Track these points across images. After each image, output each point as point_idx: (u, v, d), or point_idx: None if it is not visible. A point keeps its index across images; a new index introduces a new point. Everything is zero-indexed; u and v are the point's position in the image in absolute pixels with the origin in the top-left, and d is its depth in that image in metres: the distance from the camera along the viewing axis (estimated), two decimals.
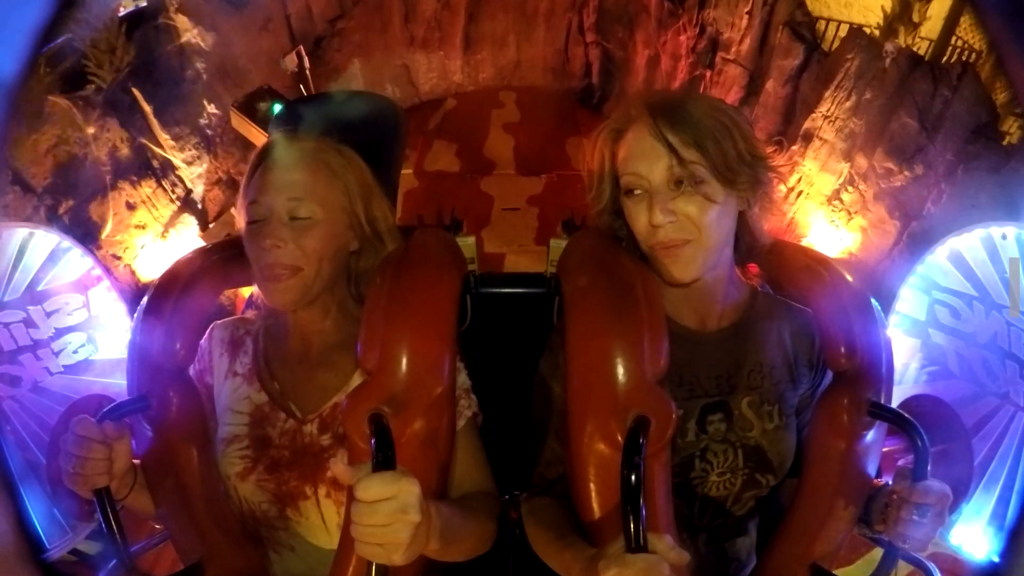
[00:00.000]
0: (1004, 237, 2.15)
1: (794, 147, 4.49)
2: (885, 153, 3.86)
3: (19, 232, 2.21)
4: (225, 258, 1.68)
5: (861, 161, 4.04)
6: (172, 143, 4.06)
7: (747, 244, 1.55)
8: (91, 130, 3.31)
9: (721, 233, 1.43)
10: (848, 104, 4.03)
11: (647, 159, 1.40)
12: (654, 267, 1.47)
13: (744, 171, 1.41)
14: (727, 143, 1.40)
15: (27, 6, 0.85)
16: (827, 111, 4.15)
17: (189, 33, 4.05)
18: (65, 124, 3.17)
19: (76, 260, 2.36)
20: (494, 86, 6.95)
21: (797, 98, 4.56)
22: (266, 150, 1.55)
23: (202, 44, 4.19)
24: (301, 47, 4.66)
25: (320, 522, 1.50)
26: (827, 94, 4.11)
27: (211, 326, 1.67)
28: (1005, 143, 3.35)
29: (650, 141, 1.40)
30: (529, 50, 6.77)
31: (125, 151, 3.64)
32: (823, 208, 4.38)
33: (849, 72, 3.97)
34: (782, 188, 1.59)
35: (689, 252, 1.40)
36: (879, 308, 1.59)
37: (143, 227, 3.84)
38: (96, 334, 2.37)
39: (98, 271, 2.35)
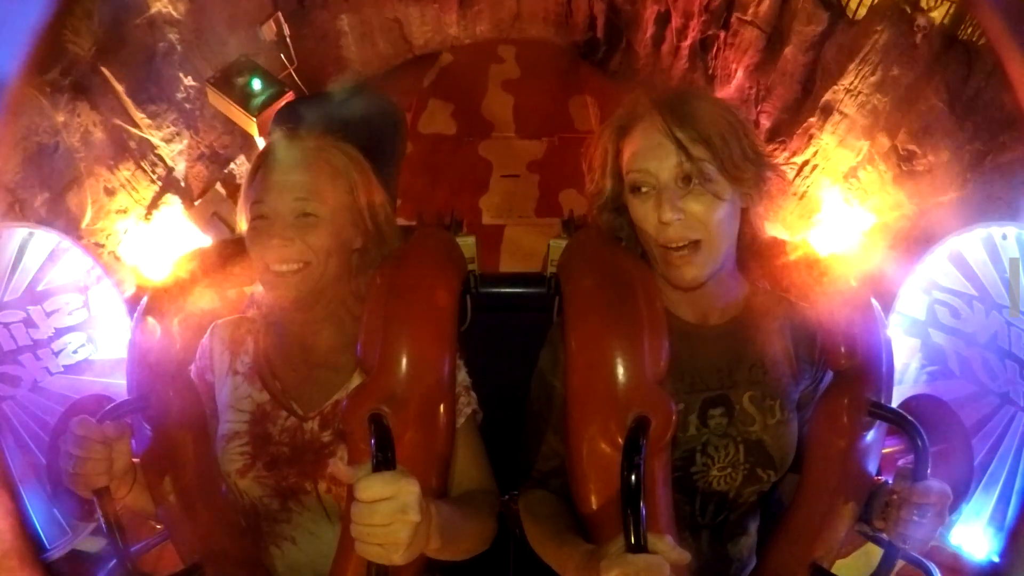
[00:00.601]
0: (1004, 237, 2.21)
1: (812, 119, 4.47)
2: (909, 135, 3.83)
3: (19, 232, 2.28)
4: (225, 257, 1.77)
5: (883, 141, 4.01)
6: (148, 121, 4.04)
7: (747, 241, 1.64)
8: (60, 117, 3.31)
9: (728, 231, 1.52)
10: (873, 79, 3.98)
11: (656, 156, 1.47)
12: (659, 269, 1.55)
13: (750, 169, 1.50)
14: (733, 141, 1.48)
15: (27, 6, 0.96)
16: (850, 84, 4.10)
17: (159, 3, 3.98)
18: (32, 113, 3.17)
19: (76, 260, 2.42)
20: (492, 39, 6.81)
21: (818, 67, 4.50)
22: (268, 150, 1.63)
23: (174, 13, 4.11)
24: (279, 14, 4.54)
25: (322, 514, 1.62)
26: (851, 66, 4.06)
27: (212, 325, 1.77)
28: None
29: (659, 138, 1.47)
30: (530, 1, 6.69)
31: (99, 135, 3.63)
32: (839, 184, 4.38)
33: (876, 45, 3.91)
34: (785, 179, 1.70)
35: (700, 257, 1.49)
36: (879, 308, 1.69)
37: (124, 211, 3.86)
38: (96, 334, 2.46)
39: (98, 271, 2.42)
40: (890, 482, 1.56)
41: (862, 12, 4.23)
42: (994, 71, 3.43)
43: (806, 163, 4.60)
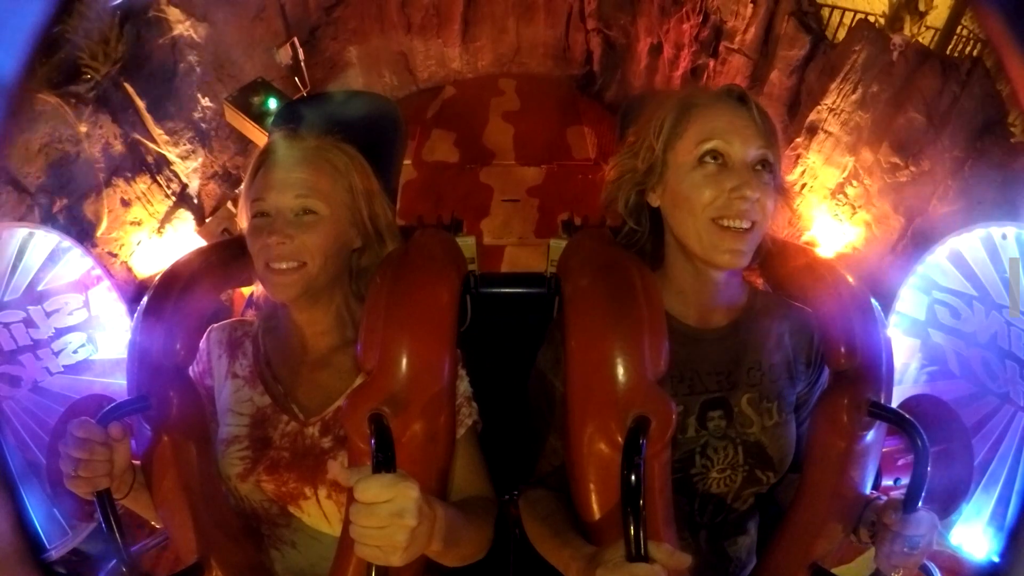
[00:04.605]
0: (1004, 237, 2.16)
1: (798, 139, 4.48)
2: (891, 148, 3.83)
3: (19, 232, 2.21)
4: (225, 258, 1.70)
5: (866, 155, 4.01)
6: (166, 138, 4.05)
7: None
8: (83, 127, 3.31)
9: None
10: (854, 97, 4.00)
11: (742, 136, 1.41)
12: (697, 249, 1.45)
13: (780, 172, 1.46)
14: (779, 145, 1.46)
15: (27, 6, 0.88)
16: (832, 103, 4.12)
17: (181, 26, 4.03)
18: (56, 122, 3.16)
19: (76, 260, 2.36)
20: (493, 73, 6.94)
21: (802, 89, 4.54)
22: (269, 149, 1.57)
23: (194, 36, 4.16)
24: (295, 39, 4.62)
25: (322, 518, 1.52)
26: (833, 86, 4.08)
27: (208, 329, 1.69)
28: (1013, 141, 3.32)
29: (746, 120, 1.42)
30: (529, 36, 6.76)
31: (118, 147, 3.63)
32: (827, 202, 4.37)
33: (856, 65, 3.94)
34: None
35: (750, 244, 1.42)
36: (879, 308, 1.60)
37: (139, 223, 3.84)
38: (96, 334, 2.38)
39: (98, 271, 2.36)
40: (883, 498, 1.46)
41: (839, 33, 4.30)
42: (968, 81, 3.48)
43: (794, 183, 4.58)
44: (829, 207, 4.31)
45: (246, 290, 1.74)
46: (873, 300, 1.59)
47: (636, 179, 1.54)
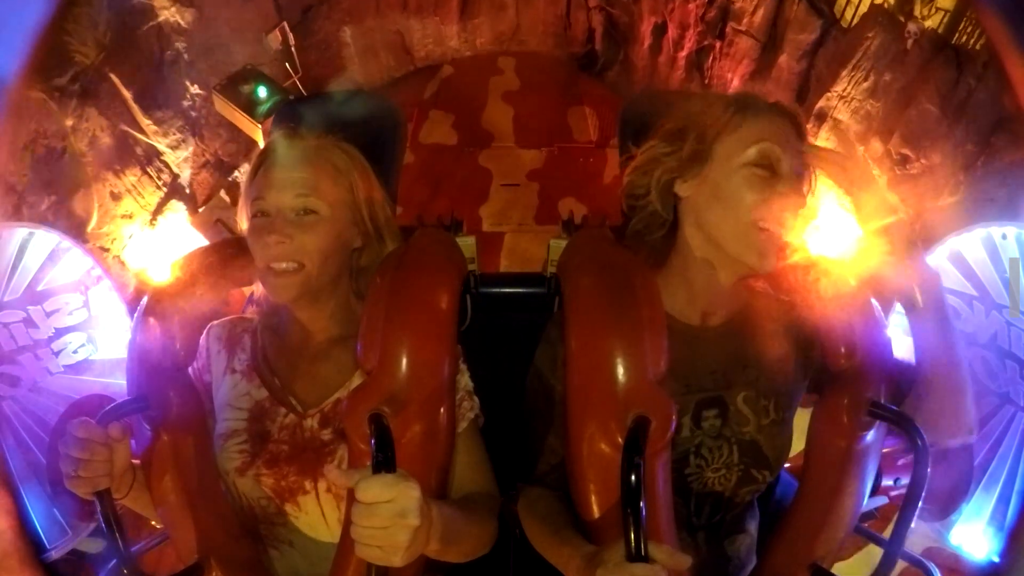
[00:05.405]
0: (1004, 237, 2.21)
1: (807, 126, 4.42)
2: (902, 139, 3.81)
3: (19, 232, 2.27)
4: (225, 258, 1.76)
5: (876, 145, 3.99)
6: (155, 128, 4.05)
7: None
8: (69, 121, 3.31)
9: None
10: (866, 85, 3.97)
11: (788, 147, 1.49)
12: (734, 243, 1.51)
13: None
14: None
15: (27, 6, 0.93)
16: (843, 91, 4.09)
17: (167, 11, 4.00)
18: (41, 117, 3.17)
19: (76, 260, 2.42)
20: (492, 52, 6.88)
21: (811, 75, 4.51)
22: (269, 148, 1.62)
23: (181, 22, 4.13)
24: (285, 24, 4.56)
25: (320, 517, 1.58)
26: (844, 73, 4.05)
27: (208, 325, 1.75)
28: None
29: (792, 136, 1.51)
30: (529, 14, 6.70)
31: (106, 140, 3.63)
32: (834, 190, 4.34)
33: (868, 51, 3.91)
34: None
35: (786, 250, 1.49)
36: (879, 308, 1.66)
37: (130, 216, 3.86)
38: (96, 334, 2.45)
39: (98, 271, 2.41)
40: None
41: (849, 17, 4.26)
42: (984, 74, 3.45)
43: None
44: (837, 196, 4.30)
45: (246, 289, 1.80)
46: (873, 300, 1.65)
47: (672, 166, 1.59)
